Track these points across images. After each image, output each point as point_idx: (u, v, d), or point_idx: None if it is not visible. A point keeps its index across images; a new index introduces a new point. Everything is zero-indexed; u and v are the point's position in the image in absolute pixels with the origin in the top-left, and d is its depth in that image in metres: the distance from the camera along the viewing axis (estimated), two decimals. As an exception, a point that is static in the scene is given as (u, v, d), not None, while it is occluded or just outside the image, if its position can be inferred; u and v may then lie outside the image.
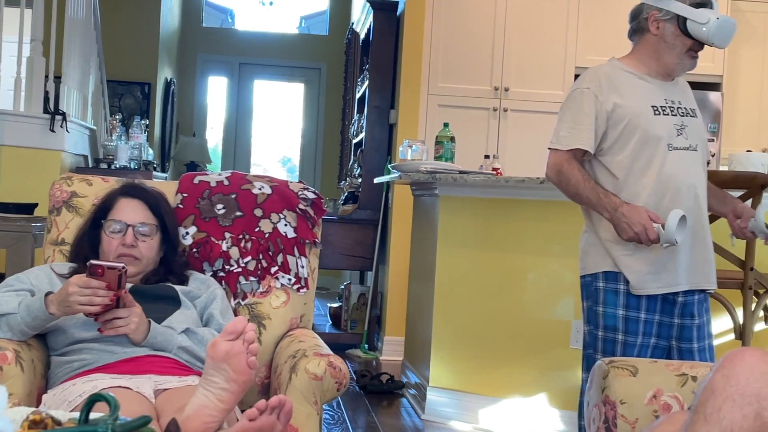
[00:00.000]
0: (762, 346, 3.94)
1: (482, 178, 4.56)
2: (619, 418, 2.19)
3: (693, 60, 3.02)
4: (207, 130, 10.99)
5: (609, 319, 3.05)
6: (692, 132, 3.02)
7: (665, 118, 2.99)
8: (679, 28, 2.96)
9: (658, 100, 3.01)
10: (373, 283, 6.77)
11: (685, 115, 3.04)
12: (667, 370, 2.26)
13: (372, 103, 6.84)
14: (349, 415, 4.81)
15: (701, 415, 1.66)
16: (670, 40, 2.98)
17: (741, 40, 6.83)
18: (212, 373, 2.05)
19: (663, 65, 3.03)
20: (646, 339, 3.02)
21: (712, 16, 2.90)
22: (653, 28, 3.01)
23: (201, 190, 2.94)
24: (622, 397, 2.21)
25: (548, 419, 4.49)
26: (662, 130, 2.97)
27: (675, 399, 2.19)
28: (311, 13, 11.47)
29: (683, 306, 3.04)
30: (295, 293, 2.89)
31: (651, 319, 3.02)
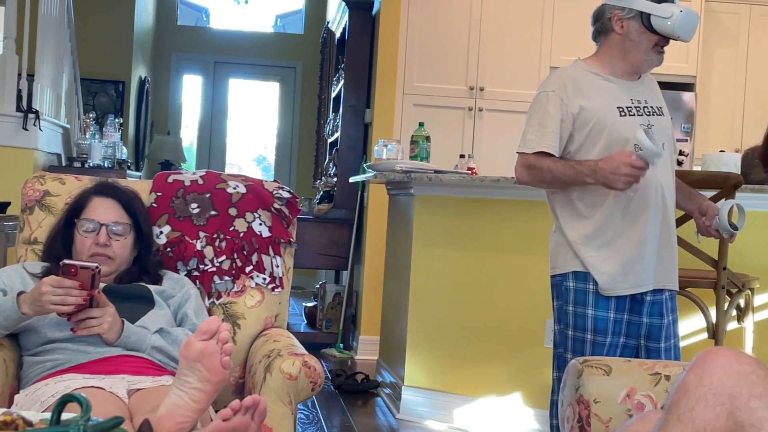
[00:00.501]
0: (735, 346, 3.96)
1: (457, 177, 4.56)
2: (593, 417, 2.20)
3: (659, 56, 3.02)
4: (182, 129, 10.94)
5: (579, 319, 3.07)
6: (659, 131, 3.02)
7: (631, 119, 3.00)
8: (643, 25, 2.96)
9: (624, 101, 3.02)
10: (348, 283, 6.77)
11: (651, 114, 3.05)
12: (641, 369, 2.27)
13: (347, 102, 6.84)
14: (324, 414, 4.80)
15: (674, 414, 1.67)
16: (636, 38, 2.99)
17: (714, 40, 6.88)
18: (186, 373, 2.03)
19: (630, 63, 3.03)
20: (615, 338, 3.04)
21: (675, 10, 2.91)
22: (617, 27, 3.01)
23: (175, 189, 2.93)
24: (595, 396, 2.21)
25: (523, 418, 4.50)
26: (628, 131, 2.97)
27: (648, 398, 2.20)
28: (287, 12, 11.45)
29: (651, 305, 3.06)
30: (270, 293, 2.88)
31: (620, 319, 3.04)
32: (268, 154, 11.59)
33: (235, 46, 10.82)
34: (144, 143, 10.05)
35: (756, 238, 4.19)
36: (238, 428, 1.97)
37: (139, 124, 9.92)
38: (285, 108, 11.04)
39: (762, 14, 6.96)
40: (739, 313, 3.99)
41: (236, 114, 11.15)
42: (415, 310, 4.74)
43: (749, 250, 4.12)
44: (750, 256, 4.12)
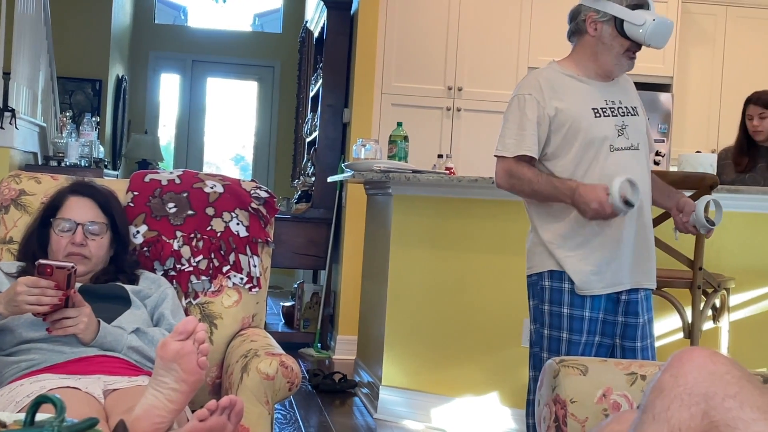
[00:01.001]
0: (710, 345, 3.99)
1: (435, 177, 4.57)
2: (570, 417, 2.20)
3: (631, 61, 3.03)
4: (159, 128, 10.90)
5: (554, 318, 3.09)
6: (633, 131, 3.04)
7: (606, 120, 3.01)
8: (616, 30, 2.97)
9: (599, 102, 3.03)
10: (326, 282, 6.76)
11: (625, 114, 3.05)
12: (617, 369, 2.28)
13: (325, 101, 6.83)
14: (301, 414, 4.80)
15: (650, 414, 1.67)
16: (608, 42, 2.99)
17: (691, 41, 6.91)
18: (162, 374, 2.03)
19: (601, 66, 3.04)
20: (590, 337, 3.05)
21: (648, 18, 2.92)
22: (591, 29, 3.02)
23: (152, 188, 2.92)
24: (572, 395, 2.22)
25: (500, 418, 4.51)
26: (604, 132, 2.99)
27: (624, 398, 2.21)
28: (265, 11, 11.42)
29: (627, 304, 3.07)
30: (247, 292, 2.87)
31: (595, 318, 3.05)
32: (246, 154, 11.56)
33: (213, 44, 10.79)
34: (121, 142, 10.01)
35: (731, 238, 4.22)
36: (215, 429, 1.97)
37: (116, 123, 9.88)
38: (263, 107, 11.02)
39: (738, 15, 7.00)
40: (715, 313, 4.01)
41: (214, 113, 11.12)
42: (392, 309, 4.74)
43: (725, 250, 4.14)
44: (725, 256, 4.14)
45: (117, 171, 9.54)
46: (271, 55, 10.86)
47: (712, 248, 3.83)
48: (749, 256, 4.24)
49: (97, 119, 7.39)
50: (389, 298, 4.74)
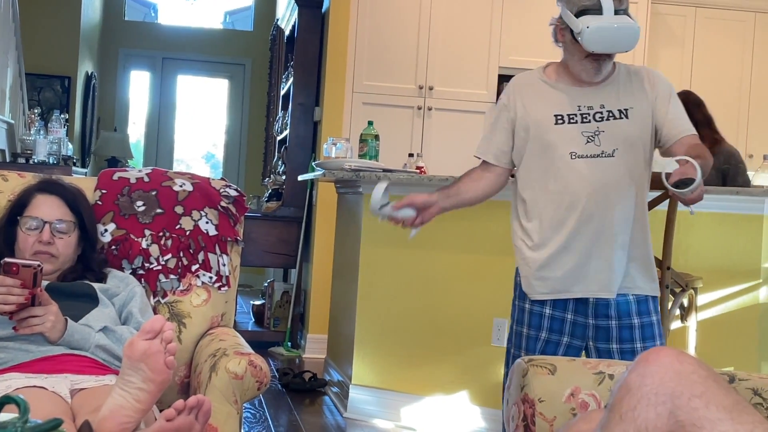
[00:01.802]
0: (678, 345, 4.02)
1: (406, 176, 4.57)
2: (538, 416, 2.21)
3: (596, 64, 2.97)
4: (129, 125, 10.84)
5: (519, 313, 3.14)
6: (610, 137, 2.97)
7: (570, 127, 2.97)
8: (572, 36, 2.95)
9: (566, 108, 2.99)
10: (296, 281, 6.75)
11: (603, 119, 2.98)
12: (585, 368, 2.29)
13: (296, 100, 6.82)
14: (271, 413, 4.79)
15: (617, 413, 1.68)
16: (570, 48, 2.99)
17: (660, 42, 6.96)
18: (129, 373, 2.01)
19: (571, 71, 3.03)
20: (553, 336, 3.05)
21: (583, 25, 2.86)
22: (559, 36, 3.02)
23: (120, 186, 2.90)
24: (540, 395, 2.22)
25: (470, 416, 4.52)
26: (563, 139, 2.96)
27: (592, 397, 2.22)
28: (236, 9, 11.39)
29: (596, 307, 3.03)
30: (216, 291, 2.86)
31: (559, 317, 3.04)
32: (216, 152, 11.52)
33: (183, 42, 10.74)
34: (90, 139, 9.94)
35: (699, 238, 4.25)
36: (182, 428, 1.96)
37: (85, 120, 9.81)
38: (234, 105, 10.98)
39: (707, 17, 7.06)
40: (683, 312, 4.04)
41: (184, 111, 11.07)
42: (363, 308, 4.74)
43: (693, 250, 4.17)
44: (693, 256, 4.17)
45: (86, 168, 9.48)
46: (242, 53, 10.83)
47: (680, 248, 3.85)
48: (717, 256, 4.27)
49: (65, 116, 7.34)
50: (359, 297, 4.74)
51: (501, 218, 4.49)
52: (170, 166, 10.75)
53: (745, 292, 4.26)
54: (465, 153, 6.58)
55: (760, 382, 2.25)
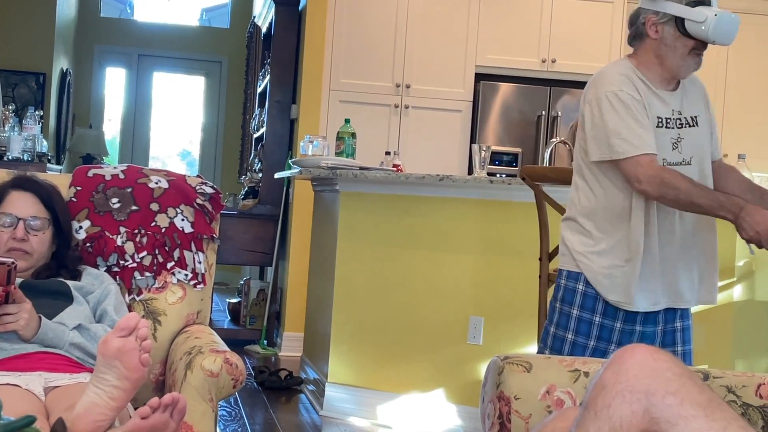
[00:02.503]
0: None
1: (383, 174, 4.57)
2: (513, 414, 2.21)
3: (698, 59, 2.90)
4: (104, 122, 10.79)
5: (562, 318, 3.01)
6: (688, 144, 2.92)
7: (664, 131, 2.89)
8: (678, 30, 2.85)
9: (663, 111, 2.91)
10: (272, 279, 6.74)
11: (683, 126, 2.93)
12: (560, 365, 2.29)
13: (273, 97, 6.80)
14: (246, 411, 4.77)
15: (591, 410, 1.68)
16: (671, 43, 2.87)
17: (636, 42, 6.98)
18: (104, 371, 2.00)
19: (668, 69, 2.91)
20: (601, 344, 2.96)
21: (709, 14, 2.80)
22: (652, 32, 2.90)
23: (95, 183, 2.88)
24: (516, 392, 2.23)
25: (446, 414, 4.52)
26: (659, 144, 2.86)
27: (568, 394, 2.22)
28: (212, 6, 11.35)
29: (645, 314, 2.97)
30: (192, 289, 2.85)
31: (609, 325, 2.96)
32: (193, 149, 11.48)
33: (159, 39, 10.69)
34: (65, 136, 9.87)
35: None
36: (157, 426, 1.95)
37: (60, 117, 9.75)
38: (210, 102, 10.95)
39: (682, 17, 7.09)
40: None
41: (160, 108, 11.02)
42: (339, 306, 4.73)
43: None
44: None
45: (61, 165, 9.42)
46: (219, 51, 10.80)
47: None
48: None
49: (40, 113, 7.29)
50: (336, 295, 4.74)
51: (478, 217, 4.50)
52: (146, 163, 10.71)
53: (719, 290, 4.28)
54: (442, 151, 6.63)
55: (734, 379, 2.27)
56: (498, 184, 4.39)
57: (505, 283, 4.46)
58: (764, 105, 7.15)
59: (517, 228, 4.45)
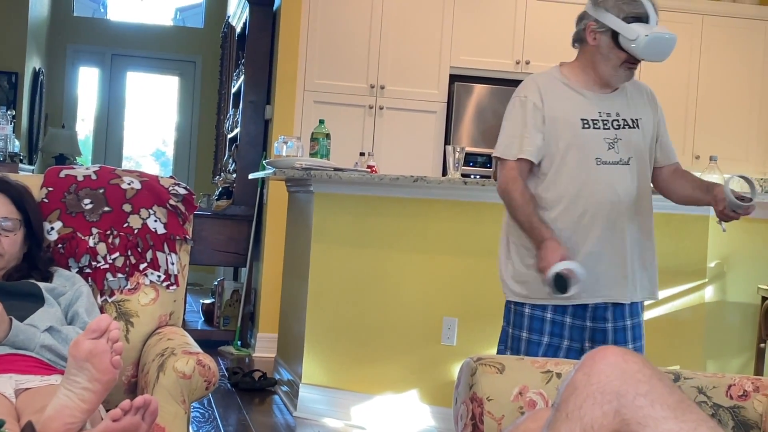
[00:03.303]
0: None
1: (357, 175, 4.57)
2: (486, 415, 2.22)
3: (629, 71, 2.99)
4: (77, 122, 10.72)
5: (516, 317, 3.09)
6: (626, 145, 3.00)
7: (595, 132, 2.97)
8: (613, 42, 2.93)
9: (590, 113, 2.99)
10: (246, 280, 6.72)
11: (621, 127, 3.01)
12: (533, 367, 2.31)
13: (247, 98, 6.79)
14: (220, 412, 4.76)
15: (563, 412, 1.69)
16: (605, 53, 2.96)
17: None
18: (75, 373, 1.99)
19: (600, 75, 3.00)
20: (554, 339, 3.03)
21: (642, 32, 2.87)
22: (590, 38, 2.98)
23: (67, 184, 2.86)
24: (488, 393, 2.24)
25: (419, 415, 4.53)
26: (590, 144, 2.96)
27: (540, 396, 2.23)
28: (186, 6, 11.31)
29: (594, 310, 3.04)
30: (165, 290, 2.84)
31: (559, 321, 3.03)
32: (167, 149, 11.44)
33: (133, 38, 10.64)
34: (38, 136, 9.80)
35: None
36: (128, 429, 1.94)
37: (32, 117, 9.68)
38: (184, 102, 10.91)
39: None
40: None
41: (134, 107, 10.97)
42: (313, 307, 4.73)
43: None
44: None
45: (33, 166, 9.35)
46: (193, 50, 10.76)
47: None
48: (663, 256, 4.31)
49: (12, 113, 7.25)
50: (310, 296, 4.73)
51: (451, 218, 4.51)
52: (119, 163, 10.66)
53: (691, 291, 4.31)
54: (416, 152, 6.63)
55: (705, 380, 2.29)
56: (472, 185, 4.40)
57: (479, 285, 4.46)
58: (736, 107, 7.21)
59: (491, 229, 4.44)
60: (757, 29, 7.22)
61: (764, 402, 2.21)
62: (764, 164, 7.25)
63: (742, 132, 7.22)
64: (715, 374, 2.34)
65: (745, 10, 7.26)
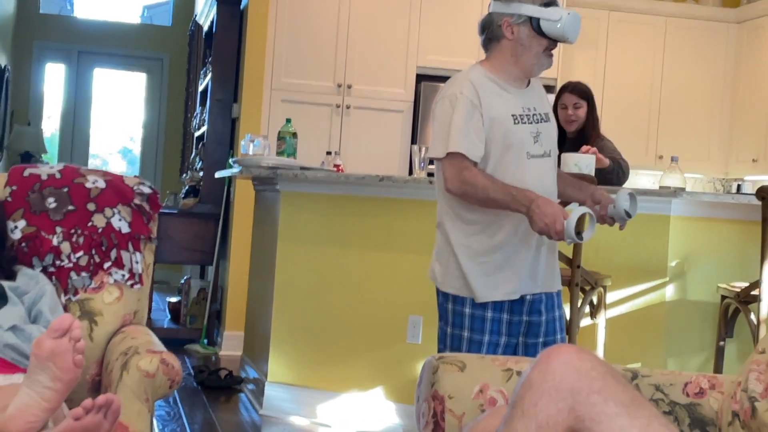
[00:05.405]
0: (588, 341, 4.11)
1: (323, 174, 4.59)
2: (447, 413, 2.25)
3: (549, 59, 3.07)
4: (43, 120, 10.65)
5: (455, 317, 3.10)
6: (546, 138, 3.08)
7: (523, 127, 3.03)
8: (533, 30, 2.99)
9: (517, 109, 3.05)
10: (213, 278, 6.72)
11: (539, 121, 3.09)
12: (494, 365, 2.34)
13: (215, 96, 6.78)
14: (185, 411, 4.76)
15: (519, 409, 1.72)
16: (527, 42, 3.01)
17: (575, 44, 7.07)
18: (37, 372, 2.00)
19: (522, 68, 3.05)
20: (494, 337, 3.06)
21: (563, 13, 2.97)
22: (508, 33, 3.02)
23: (31, 183, 2.86)
24: (450, 391, 2.27)
25: (385, 413, 4.55)
26: (521, 139, 3.01)
27: (500, 393, 2.26)
28: (154, 3, 11.28)
29: (531, 303, 3.09)
30: (129, 289, 2.84)
31: (497, 318, 3.06)
32: (134, 147, 11.39)
33: (100, 35, 10.58)
34: (3, 134, 9.73)
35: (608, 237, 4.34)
36: (89, 428, 1.95)
37: (-2, 114, 9.61)
38: (151, 100, 10.86)
39: (619, 20, 7.20)
40: (592, 309, 4.13)
41: (101, 105, 10.91)
42: (279, 305, 4.74)
43: (602, 248, 4.26)
44: (602, 255, 4.26)
45: (-2, 163, 9.29)
46: (160, 48, 10.72)
47: (589, 247, 3.93)
48: (625, 255, 4.38)
49: (-23, 110, 7.19)
50: (276, 294, 4.75)
51: (417, 216, 4.54)
52: (85, 160, 10.61)
53: (652, 290, 4.37)
54: (383, 151, 6.65)
55: (662, 378, 2.33)
56: (437, 184, 4.42)
57: (444, 283, 4.48)
58: (698, 108, 7.30)
59: (456, 228, 4.48)
60: (720, 31, 7.32)
61: (720, 399, 2.25)
62: (725, 164, 7.35)
63: (704, 133, 7.31)
64: (672, 372, 2.38)
65: (708, 12, 7.35)
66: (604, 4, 7.19)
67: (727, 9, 7.36)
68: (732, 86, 7.29)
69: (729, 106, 7.30)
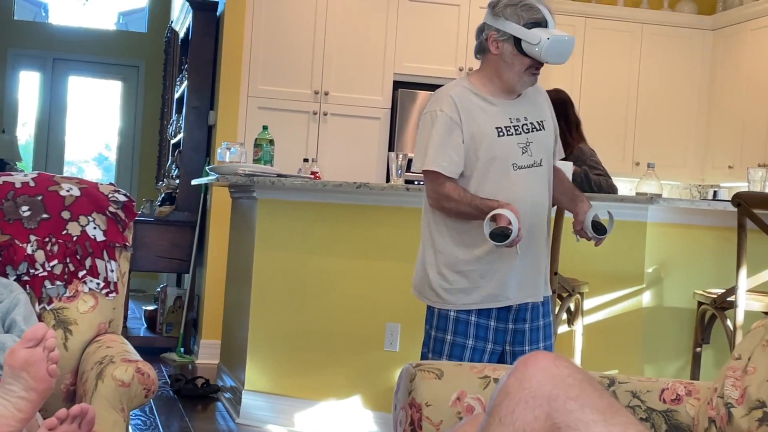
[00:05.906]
0: (565, 348, 4.11)
1: (300, 181, 4.58)
2: (425, 420, 2.24)
3: (533, 77, 3.07)
4: (18, 127, 10.58)
5: (440, 320, 3.12)
6: (537, 147, 3.09)
7: (509, 139, 3.05)
8: (516, 48, 3.00)
9: (503, 121, 3.06)
10: (190, 286, 6.69)
11: (530, 131, 3.10)
12: (471, 372, 2.33)
13: (191, 103, 6.76)
14: (162, 420, 4.73)
15: (496, 417, 1.72)
16: (509, 60, 3.03)
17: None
18: (10, 382, 1.98)
19: (505, 83, 3.07)
20: (478, 343, 3.08)
21: (543, 36, 2.96)
22: (493, 47, 3.05)
23: (5, 191, 2.84)
24: (427, 399, 2.26)
25: (362, 421, 4.54)
26: (506, 151, 3.03)
27: (478, 401, 2.26)
28: (130, 10, 11.22)
29: (517, 312, 3.12)
30: (104, 298, 2.82)
31: (484, 324, 3.09)
32: (110, 154, 11.33)
33: (75, 42, 10.53)
34: (-23, 141, 9.67)
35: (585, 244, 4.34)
36: (65, 437, 1.93)
37: (-28, 121, 9.54)
38: (127, 107, 10.82)
39: (596, 27, 7.23)
40: (570, 316, 4.14)
41: (76, 112, 10.86)
42: (256, 313, 4.72)
43: (579, 255, 4.26)
44: (580, 262, 4.27)
45: (-28, 171, 9.21)
46: (136, 55, 10.68)
47: (566, 254, 3.94)
48: (602, 262, 4.38)
49: (-49, 117, 7.13)
50: (253, 303, 4.73)
51: (394, 224, 4.54)
52: (61, 168, 10.55)
53: (629, 296, 4.38)
54: (360, 158, 6.65)
55: (639, 384, 2.33)
56: (414, 191, 4.42)
57: (422, 290, 4.48)
58: (675, 114, 7.33)
59: (433, 235, 4.48)
60: (696, 38, 7.36)
61: (697, 406, 2.26)
62: (702, 170, 7.38)
63: (680, 139, 7.35)
64: (649, 379, 2.38)
65: (684, 19, 7.39)
66: (580, 11, 7.22)
67: (703, 16, 7.40)
68: (708, 93, 7.33)
69: (705, 112, 7.33)
